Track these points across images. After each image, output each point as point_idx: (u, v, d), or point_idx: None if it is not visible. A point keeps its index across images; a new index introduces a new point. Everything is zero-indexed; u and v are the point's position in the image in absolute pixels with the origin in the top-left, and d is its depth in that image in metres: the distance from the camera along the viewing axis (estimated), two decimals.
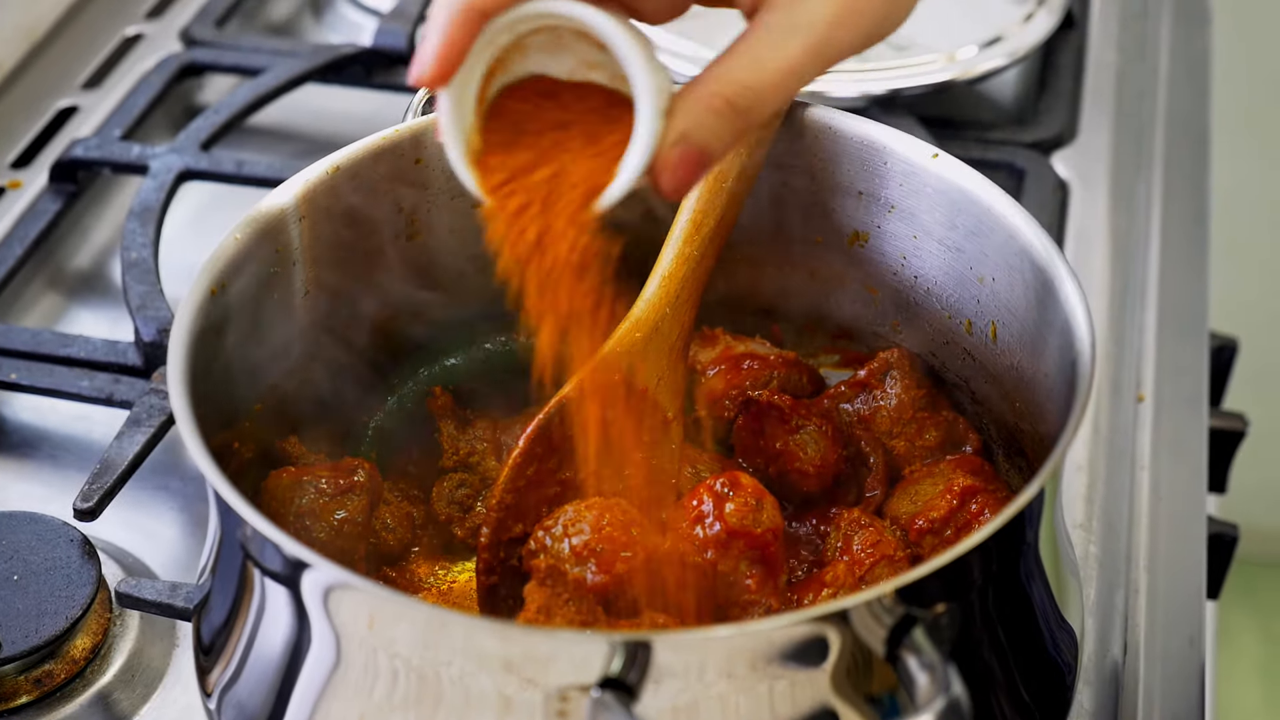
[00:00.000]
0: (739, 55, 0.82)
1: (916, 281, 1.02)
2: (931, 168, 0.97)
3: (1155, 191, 1.43)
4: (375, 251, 1.01)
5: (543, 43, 0.84)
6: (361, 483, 0.96)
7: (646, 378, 0.98)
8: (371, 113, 1.48)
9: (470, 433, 1.04)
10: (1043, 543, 0.85)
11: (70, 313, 1.32)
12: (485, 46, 0.82)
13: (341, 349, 1.01)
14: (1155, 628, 1.07)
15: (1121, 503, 1.15)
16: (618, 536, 0.89)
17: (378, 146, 0.99)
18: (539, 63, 0.85)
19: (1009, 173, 1.39)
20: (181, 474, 1.16)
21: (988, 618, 0.81)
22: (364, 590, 0.77)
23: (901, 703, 0.77)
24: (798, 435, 1.00)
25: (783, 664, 0.75)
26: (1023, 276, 0.93)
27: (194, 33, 1.57)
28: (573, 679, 0.74)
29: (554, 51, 0.85)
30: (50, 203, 1.36)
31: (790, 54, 0.81)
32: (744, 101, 0.81)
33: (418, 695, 0.78)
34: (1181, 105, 1.53)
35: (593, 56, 0.84)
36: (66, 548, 1.03)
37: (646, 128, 0.81)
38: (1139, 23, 1.62)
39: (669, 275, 0.98)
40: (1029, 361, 0.94)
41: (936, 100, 1.45)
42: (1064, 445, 0.80)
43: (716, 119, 0.81)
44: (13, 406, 1.22)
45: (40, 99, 1.51)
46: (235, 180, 1.35)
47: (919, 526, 0.95)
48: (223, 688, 0.87)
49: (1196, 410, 1.24)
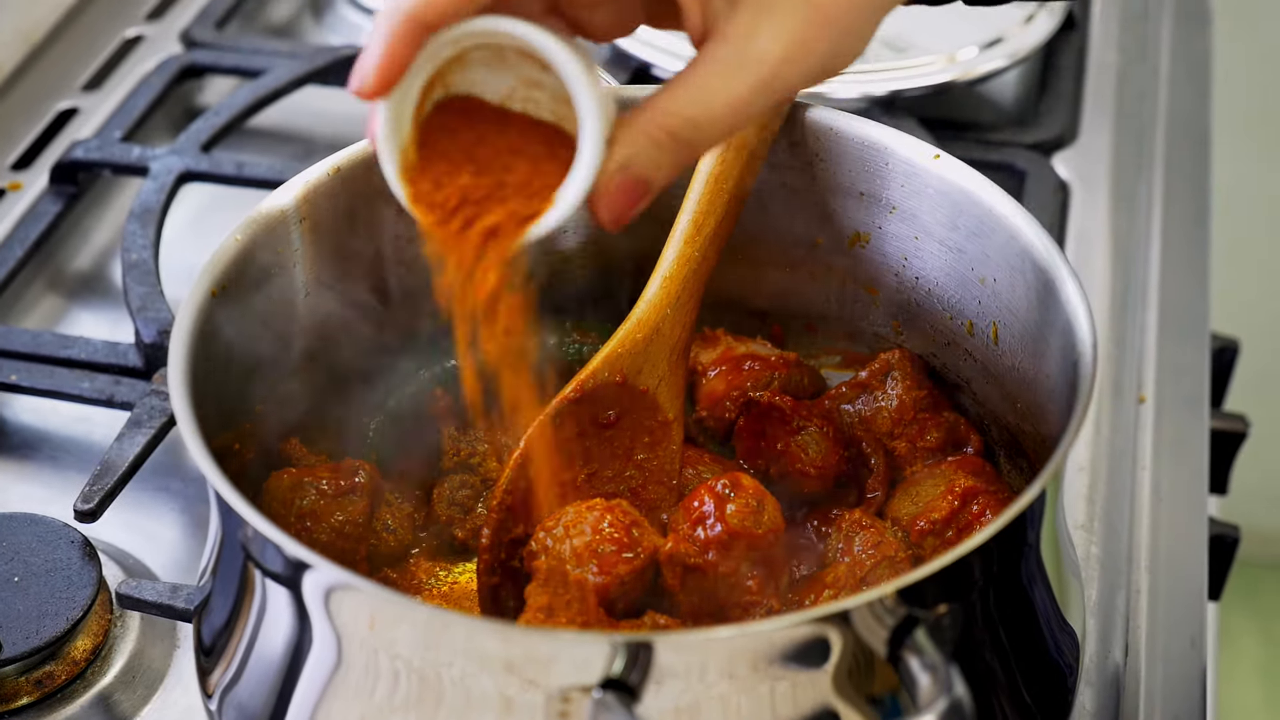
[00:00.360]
0: (686, 87, 0.80)
1: (918, 282, 1.02)
2: (933, 169, 0.97)
3: (1156, 192, 1.43)
4: (375, 253, 1.01)
5: (485, 58, 0.83)
6: (362, 484, 0.96)
7: (647, 379, 0.98)
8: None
9: (471, 434, 1.04)
10: (1044, 544, 0.85)
11: (71, 314, 1.32)
12: (426, 60, 0.81)
13: (342, 350, 1.01)
14: (1156, 629, 1.07)
15: (1123, 504, 1.15)
16: (619, 537, 0.89)
17: None
18: (479, 78, 0.84)
19: (1010, 174, 1.39)
20: (182, 475, 1.16)
21: (989, 619, 0.81)
22: (365, 591, 0.77)
23: (903, 704, 0.77)
24: (799, 436, 1.00)
25: (784, 665, 0.75)
26: (1024, 277, 0.93)
27: (194, 34, 1.57)
28: (574, 680, 0.74)
29: (496, 68, 0.83)
30: (51, 204, 1.36)
31: (737, 90, 0.80)
32: (686, 134, 0.80)
33: (419, 696, 0.78)
34: (1182, 106, 1.53)
35: (535, 75, 0.82)
36: (67, 549, 1.03)
37: (590, 153, 0.79)
38: (1140, 24, 1.62)
39: (670, 276, 0.98)
40: (1030, 362, 0.94)
41: (937, 101, 1.45)
42: (1066, 446, 0.80)
43: (658, 150, 0.80)
44: (13, 408, 1.22)
45: (40, 101, 1.50)
46: (236, 182, 1.35)
47: (920, 527, 0.94)
48: (224, 689, 0.87)
49: (1198, 411, 1.24)
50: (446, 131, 0.84)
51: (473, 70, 0.83)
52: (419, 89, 0.83)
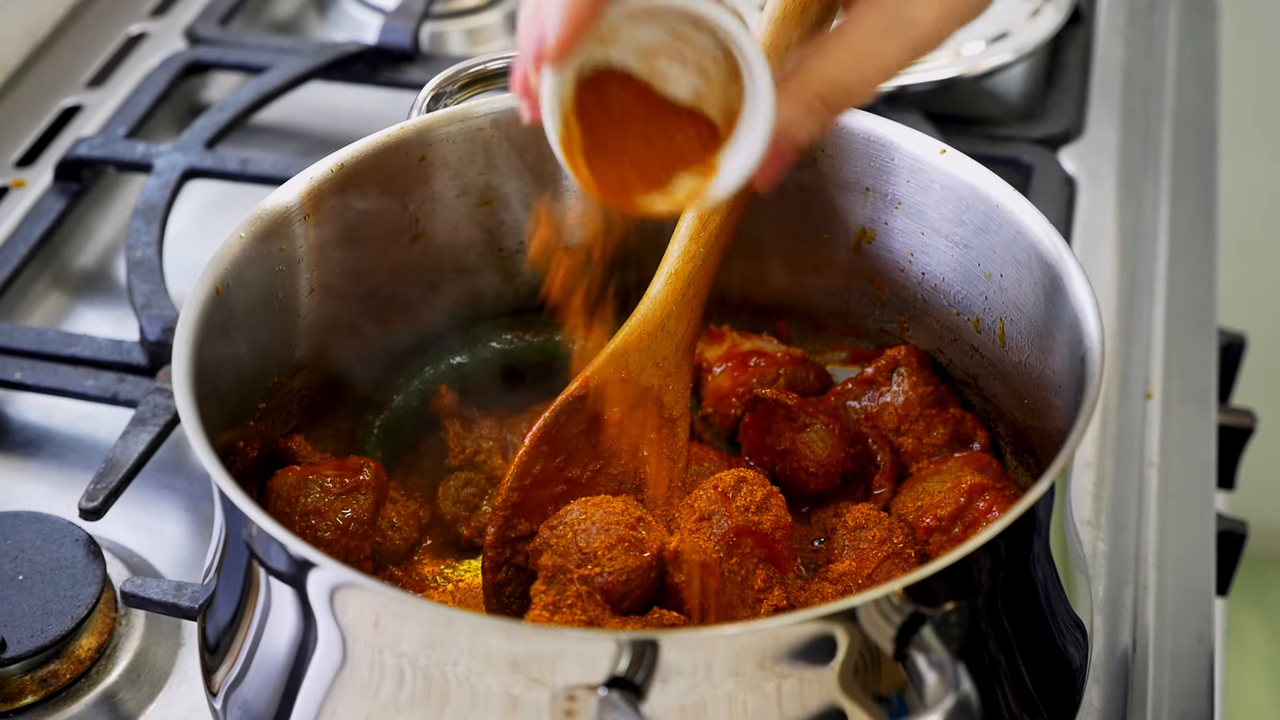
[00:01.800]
0: (840, 51, 0.81)
1: (924, 278, 1.01)
2: (939, 164, 0.97)
3: (1163, 187, 1.42)
4: (380, 250, 1.01)
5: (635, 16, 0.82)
6: (367, 482, 0.96)
7: (653, 375, 0.98)
8: (376, 110, 1.47)
9: (476, 431, 1.04)
10: (1051, 540, 0.85)
11: (75, 312, 1.32)
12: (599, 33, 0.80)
13: (346, 347, 1.01)
14: (1164, 625, 1.07)
15: (1130, 500, 1.14)
16: (624, 534, 0.89)
17: (382, 144, 0.99)
18: (622, 47, 0.82)
19: (1016, 169, 1.39)
20: (187, 473, 1.16)
21: (996, 616, 0.81)
22: (370, 589, 0.77)
23: (910, 701, 0.77)
24: (805, 433, 1.00)
25: (790, 663, 0.75)
26: (1031, 273, 0.92)
27: (198, 31, 1.56)
28: (580, 678, 0.74)
29: (644, 24, 0.82)
30: (55, 201, 1.36)
31: (891, 53, 0.81)
32: (837, 99, 0.81)
33: (424, 695, 0.78)
34: (1189, 100, 1.53)
35: (682, 30, 0.82)
36: (72, 547, 1.03)
37: (764, 119, 0.80)
38: (1146, 18, 1.61)
39: (675, 273, 0.98)
40: (1037, 358, 0.94)
41: (943, 96, 1.44)
42: (1073, 442, 0.80)
43: (809, 115, 0.81)
44: (18, 406, 1.22)
45: (44, 98, 1.50)
46: (240, 178, 1.35)
47: (927, 524, 0.94)
48: (228, 687, 0.87)
49: (1205, 407, 1.23)
50: (598, 105, 0.83)
51: (619, 41, 0.82)
52: (582, 60, 0.81)
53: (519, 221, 1.05)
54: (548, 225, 1.01)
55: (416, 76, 1.48)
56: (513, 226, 1.06)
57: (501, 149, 1.02)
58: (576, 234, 1.03)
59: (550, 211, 1.03)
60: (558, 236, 1.02)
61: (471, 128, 1.01)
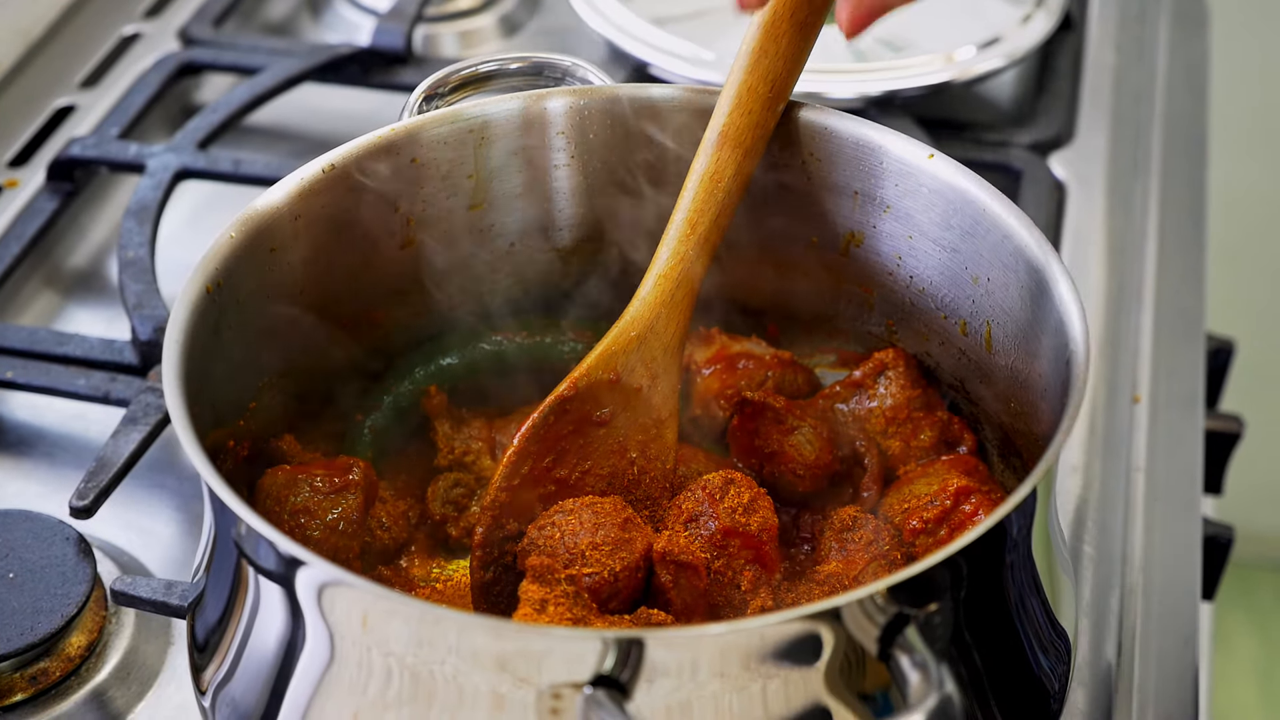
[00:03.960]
0: None
1: (912, 282, 1.02)
2: (927, 168, 0.97)
3: (1152, 193, 1.43)
4: (370, 250, 1.01)
5: None
6: (357, 481, 0.96)
7: (641, 377, 0.98)
8: (369, 112, 1.48)
9: (465, 432, 1.04)
10: (1036, 543, 0.85)
11: (67, 311, 1.32)
12: None
13: (337, 347, 1.01)
14: (1150, 629, 1.07)
15: (1117, 504, 1.15)
16: (612, 535, 0.90)
17: (373, 145, 0.99)
18: None
19: (1006, 174, 1.39)
20: (177, 472, 1.16)
21: (980, 617, 0.81)
22: (358, 588, 0.77)
23: (894, 701, 0.77)
24: (793, 435, 1.00)
25: (776, 662, 0.75)
26: (1018, 277, 0.93)
27: (191, 32, 1.57)
28: (566, 677, 0.74)
29: None
30: (47, 201, 1.36)
31: None
32: None
33: (411, 693, 0.78)
34: (1179, 107, 1.53)
35: None
36: (62, 545, 1.03)
37: None
38: (1137, 24, 1.62)
39: (664, 275, 0.98)
40: (1024, 362, 0.94)
41: (934, 101, 1.45)
42: (1057, 445, 0.80)
43: None
44: (9, 405, 1.22)
45: (38, 98, 1.51)
46: (232, 179, 1.35)
47: (913, 526, 0.95)
48: (217, 685, 0.87)
49: (1192, 412, 1.24)
50: None
51: None
52: None
53: (509, 223, 1.06)
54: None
55: (409, 78, 1.49)
56: (503, 228, 1.06)
57: (493, 151, 1.03)
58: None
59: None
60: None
61: (463, 129, 1.02)
